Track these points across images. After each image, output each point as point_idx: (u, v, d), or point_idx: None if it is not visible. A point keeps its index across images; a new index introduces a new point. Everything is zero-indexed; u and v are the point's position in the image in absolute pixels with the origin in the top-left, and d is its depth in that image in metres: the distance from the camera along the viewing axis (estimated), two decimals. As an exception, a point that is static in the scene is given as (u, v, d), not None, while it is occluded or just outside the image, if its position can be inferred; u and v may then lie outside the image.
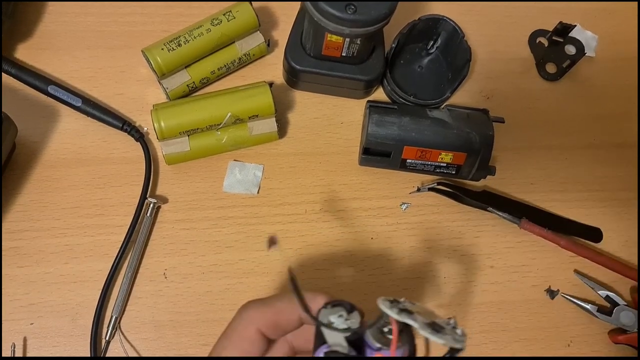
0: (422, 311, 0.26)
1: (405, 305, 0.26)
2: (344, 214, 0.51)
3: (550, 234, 0.50)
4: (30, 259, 0.46)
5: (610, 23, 0.63)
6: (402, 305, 0.26)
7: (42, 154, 0.49)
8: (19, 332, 0.44)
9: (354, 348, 0.26)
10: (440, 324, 0.25)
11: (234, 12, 0.50)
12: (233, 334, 0.31)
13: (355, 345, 0.26)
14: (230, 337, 0.31)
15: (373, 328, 0.27)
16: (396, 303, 0.26)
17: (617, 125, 0.58)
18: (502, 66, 0.59)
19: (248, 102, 0.48)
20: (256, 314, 0.31)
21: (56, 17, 0.55)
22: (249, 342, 0.30)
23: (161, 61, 0.48)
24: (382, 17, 0.44)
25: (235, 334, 0.31)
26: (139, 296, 0.46)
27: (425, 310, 0.26)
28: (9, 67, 0.50)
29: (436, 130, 0.49)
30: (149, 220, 0.48)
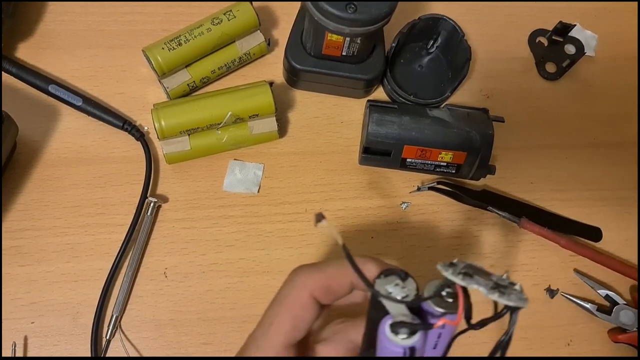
0: (478, 271, 0.26)
1: (463, 267, 0.25)
2: (344, 213, 0.51)
3: (550, 233, 0.50)
4: (31, 258, 0.46)
5: (610, 22, 0.63)
6: (461, 268, 0.25)
7: (43, 153, 0.50)
8: (19, 331, 0.44)
9: (416, 315, 0.26)
10: (500, 282, 0.25)
11: (235, 12, 0.50)
12: (285, 300, 0.30)
13: (415, 313, 0.26)
14: (282, 303, 0.30)
15: (432, 293, 0.26)
16: (454, 266, 0.26)
17: (617, 124, 0.58)
18: (502, 65, 0.59)
19: (248, 101, 0.48)
20: (309, 278, 0.30)
21: (57, 16, 0.55)
22: (302, 307, 0.30)
23: (162, 60, 0.48)
24: (383, 16, 0.44)
25: (288, 299, 0.30)
26: (140, 295, 0.46)
27: (479, 269, 0.26)
28: (10, 67, 0.50)
29: (436, 130, 0.49)
30: (150, 220, 0.48)
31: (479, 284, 0.24)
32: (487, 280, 0.25)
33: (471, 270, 0.25)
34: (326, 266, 0.30)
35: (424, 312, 0.26)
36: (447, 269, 0.25)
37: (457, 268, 0.25)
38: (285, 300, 0.30)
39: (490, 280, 0.25)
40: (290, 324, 0.30)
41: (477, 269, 0.26)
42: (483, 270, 0.26)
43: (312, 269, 0.30)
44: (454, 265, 0.26)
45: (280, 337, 0.30)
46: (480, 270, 0.26)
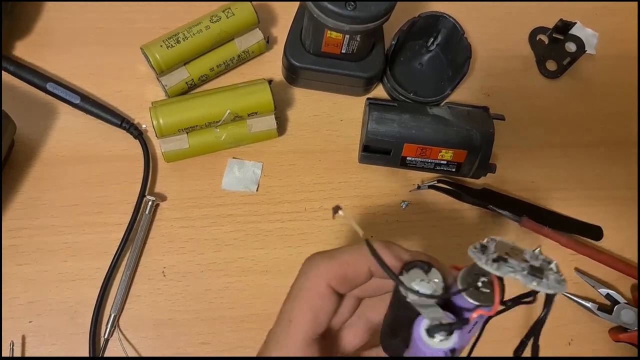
0: (510, 250, 0.24)
1: (495, 250, 0.24)
2: (344, 211, 0.50)
3: (550, 232, 0.50)
4: (28, 257, 0.46)
5: (611, 20, 0.63)
6: (493, 251, 0.24)
7: (41, 151, 0.49)
8: (17, 330, 0.44)
9: (448, 311, 0.25)
10: (535, 263, 0.24)
11: (233, 9, 0.50)
12: (302, 292, 0.29)
13: (446, 307, 0.25)
14: (298, 296, 0.29)
15: (465, 285, 0.25)
16: (485, 250, 0.24)
17: (618, 123, 0.58)
18: (502, 63, 0.59)
19: (247, 99, 0.48)
20: (324, 268, 0.28)
21: (55, 14, 0.54)
22: (320, 297, 0.28)
23: (160, 58, 0.48)
24: (382, 13, 0.44)
25: (304, 291, 0.28)
26: (138, 294, 0.46)
27: (511, 247, 0.25)
28: (8, 65, 0.49)
29: (436, 128, 0.48)
30: (148, 218, 0.47)
31: (515, 271, 0.23)
32: (522, 262, 0.24)
33: (504, 253, 0.24)
34: (341, 253, 0.29)
35: (454, 302, 0.25)
36: (480, 256, 0.24)
37: (489, 253, 0.24)
38: (302, 293, 0.29)
39: (524, 261, 0.24)
40: (309, 317, 0.28)
41: (508, 247, 0.25)
42: (514, 248, 0.25)
43: (326, 257, 0.29)
44: (485, 248, 0.24)
45: (301, 332, 0.28)
46: (512, 248, 0.25)
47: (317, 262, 0.29)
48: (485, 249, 0.24)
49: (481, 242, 0.25)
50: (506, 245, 0.25)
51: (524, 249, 0.25)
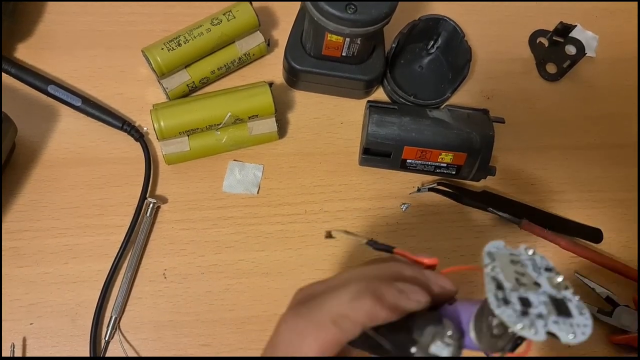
0: (512, 265, 0.25)
1: (509, 286, 0.24)
2: (344, 214, 0.51)
3: (550, 234, 0.50)
4: (29, 259, 0.46)
5: (611, 23, 0.63)
6: (510, 292, 0.24)
7: (42, 153, 0.49)
8: (18, 332, 0.44)
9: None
10: (555, 293, 0.24)
11: (234, 12, 0.50)
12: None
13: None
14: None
15: (482, 335, 0.25)
16: (503, 293, 0.23)
17: (617, 125, 0.58)
18: (502, 66, 0.59)
19: (248, 102, 0.48)
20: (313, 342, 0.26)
21: (56, 16, 0.55)
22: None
23: (161, 61, 0.48)
24: (383, 16, 0.44)
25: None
26: (139, 296, 0.46)
27: (509, 258, 0.25)
28: (9, 67, 0.50)
29: (436, 131, 0.49)
30: (149, 221, 0.47)
31: (547, 323, 0.23)
32: (539, 291, 0.24)
33: (514, 279, 0.24)
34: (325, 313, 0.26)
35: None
36: (509, 314, 0.23)
37: (510, 298, 0.23)
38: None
39: (535, 285, 0.24)
40: None
41: (508, 260, 0.25)
42: (514, 258, 0.25)
43: (311, 325, 0.26)
44: (500, 287, 0.24)
45: None
46: (512, 260, 0.25)
47: (301, 331, 0.26)
48: (502, 288, 0.24)
49: (490, 270, 0.24)
50: (505, 259, 0.25)
51: (521, 258, 0.25)
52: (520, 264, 0.25)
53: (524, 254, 0.26)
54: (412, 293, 0.26)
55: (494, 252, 0.26)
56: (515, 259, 0.26)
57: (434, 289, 0.28)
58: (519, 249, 0.26)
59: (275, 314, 0.47)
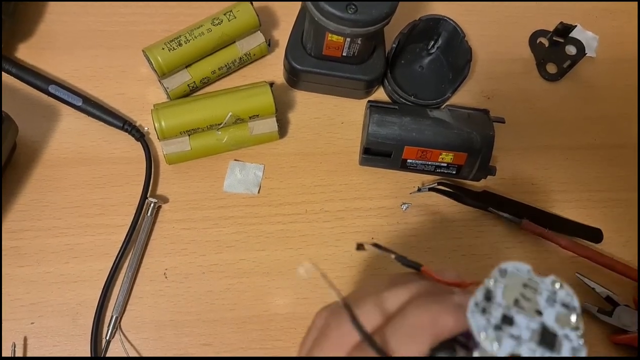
0: (523, 289, 0.23)
1: (501, 302, 0.23)
2: (345, 214, 0.51)
3: (551, 234, 0.50)
4: (30, 259, 0.46)
5: (611, 23, 0.63)
6: (498, 307, 0.23)
7: (43, 153, 0.49)
8: (19, 331, 0.44)
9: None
10: (552, 325, 0.22)
11: (235, 12, 0.50)
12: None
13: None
14: None
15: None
16: (490, 304, 0.22)
17: (618, 125, 0.58)
18: (502, 66, 0.59)
19: (249, 101, 0.48)
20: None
21: (57, 16, 0.55)
22: None
23: (162, 61, 0.48)
24: (383, 16, 0.44)
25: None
26: (140, 296, 0.46)
27: (525, 282, 0.23)
28: (10, 67, 0.50)
29: (437, 131, 0.49)
30: (150, 220, 0.48)
31: (520, 343, 0.21)
32: (533, 318, 0.22)
33: (514, 300, 0.23)
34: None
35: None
36: (478, 321, 0.22)
37: (492, 310, 0.22)
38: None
39: (537, 313, 0.22)
40: None
41: (521, 283, 0.23)
42: (530, 282, 0.23)
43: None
44: (489, 298, 0.23)
45: None
46: (527, 284, 0.23)
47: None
48: (490, 300, 0.23)
49: (490, 283, 0.23)
50: (519, 281, 0.23)
51: (540, 287, 0.23)
52: (534, 290, 0.24)
53: (547, 283, 0.24)
54: None
55: (509, 272, 0.24)
56: (532, 284, 0.24)
57: None
58: (545, 279, 0.24)
59: (276, 314, 0.47)
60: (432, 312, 0.24)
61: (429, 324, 0.24)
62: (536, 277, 0.24)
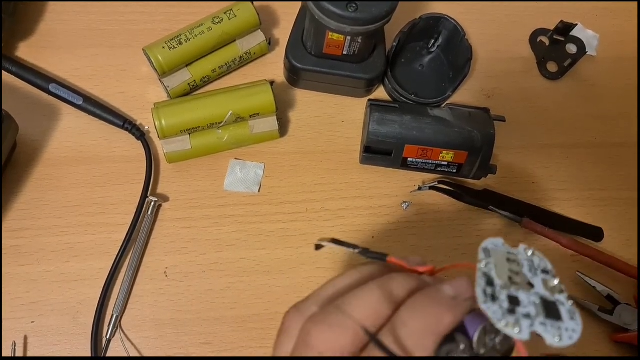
0: (508, 264, 0.24)
1: (500, 283, 0.24)
2: (345, 212, 0.51)
3: (551, 232, 0.50)
4: (31, 258, 0.46)
5: (612, 22, 0.63)
6: (501, 289, 0.23)
7: (43, 152, 0.49)
8: (19, 330, 0.44)
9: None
10: (547, 295, 0.24)
11: (235, 11, 0.50)
12: None
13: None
14: None
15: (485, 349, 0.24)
16: (493, 291, 0.24)
17: (618, 124, 0.58)
18: (503, 65, 0.59)
19: (249, 100, 0.48)
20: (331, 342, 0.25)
21: (57, 15, 0.55)
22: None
23: (162, 59, 0.48)
24: (383, 15, 0.44)
25: None
26: (140, 295, 0.46)
27: (506, 256, 0.25)
28: (10, 66, 0.50)
29: (437, 129, 0.49)
30: (150, 219, 0.48)
31: (534, 323, 0.23)
32: (529, 290, 0.24)
33: (507, 277, 0.24)
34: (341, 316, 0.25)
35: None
36: (494, 310, 0.23)
37: (498, 294, 0.23)
38: None
39: (529, 285, 0.24)
40: None
41: (504, 258, 0.25)
42: (510, 256, 0.25)
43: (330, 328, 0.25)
44: (491, 283, 0.24)
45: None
46: (508, 258, 0.25)
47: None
48: (492, 284, 0.24)
49: (482, 266, 0.25)
50: (502, 256, 0.25)
51: (519, 258, 0.25)
52: (517, 263, 0.25)
53: (522, 253, 0.26)
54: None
55: (491, 249, 0.26)
56: (512, 257, 0.26)
57: None
58: (518, 249, 0.26)
59: (276, 313, 0.47)
60: (431, 314, 0.24)
61: (432, 326, 0.24)
62: (510, 248, 0.26)
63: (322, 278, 0.48)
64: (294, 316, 0.28)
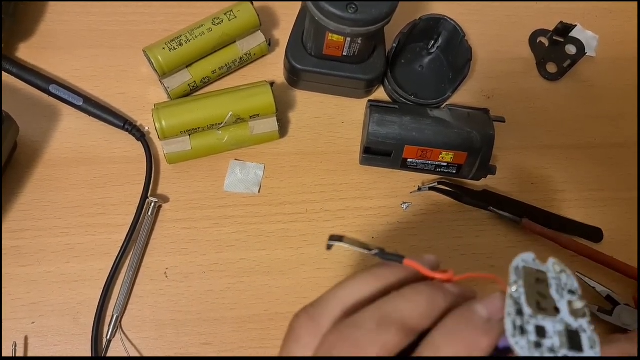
0: (537, 284, 0.25)
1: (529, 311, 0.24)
2: (345, 213, 0.51)
3: (551, 233, 0.50)
4: (31, 258, 0.46)
5: (611, 23, 0.63)
6: (530, 318, 0.24)
7: (44, 153, 0.50)
8: (20, 331, 0.44)
9: None
10: (572, 323, 0.24)
11: (235, 12, 0.50)
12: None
13: None
14: None
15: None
16: (522, 315, 0.24)
17: (618, 125, 0.58)
18: (502, 66, 0.59)
19: (249, 101, 0.48)
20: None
21: (57, 16, 0.55)
22: None
23: (162, 60, 0.48)
24: (383, 16, 0.44)
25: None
26: (140, 295, 0.46)
27: (536, 275, 0.25)
28: (10, 67, 0.50)
29: (437, 130, 0.49)
30: (150, 220, 0.48)
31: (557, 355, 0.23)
32: (557, 321, 0.24)
33: (535, 301, 0.24)
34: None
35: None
36: (520, 343, 0.23)
37: (528, 331, 0.24)
38: None
39: (555, 310, 0.24)
40: None
41: (534, 278, 0.25)
42: (539, 275, 0.25)
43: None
44: (519, 310, 0.24)
45: None
46: (538, 278, 0.25)
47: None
48: (521, 313, 0.24)
49: (513, 291, 0.24)
50: (532, 276, 0.25)
51: (548, 276, 0.25)
52: (545, 284, 0.25)
53: (551, 270, 0.26)
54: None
55: (522, 267, 0.25)
56: (541, 277, 0.25)
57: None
58: (547, 265, 0.26)
59: (276, 313, 0.47)
60: (467, 339, 0.24)
61: (469, 352, 0.23)
62: (540, 265, 0.26)
63: (322, 279, 0.48)
64: (306, 323, 0.26)
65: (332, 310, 0.26)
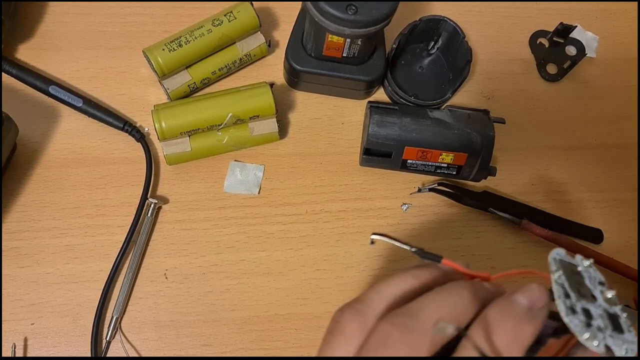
0: (573, 275, 0.25)
1: (575, 294, 0.25)
2: (345, 214, 0.51)
3: (551, 234, 0.50)
4: (30, 259, 0.46)
5: (611, 24, 0.63)
6: (576, 301, 0.24)
7: (43, 154, 0.49)
8: (19, 332, 0.44)
9: None
10: (609, 308, 0.25)
11: (235, 13, 0.50)
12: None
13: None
14: None
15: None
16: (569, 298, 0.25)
17: (618, 125, 0.58)
18: (502, 67, 0.59)
19: (249, 102, 0.48)
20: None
21: (57, 17, 0.55)
22: None
23: (162, 61, 0.48)
24: (383, 17, 0.44)
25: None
26: (140, 296, 0.46)
27: (571, 269, 0.26)
28: (10, 68, 0.50)
29: (437, 131, 0.49)
30: (150, 221, 0.48)
31: (605, 336, 0.24)
32: (594, 303, 0.25)
33: (577, 290, 0.25)
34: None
35: None
36: (574, 321, 0.24)
37: (578, 312, 0.24)
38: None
39: (592, 297, 0.25)
40: None
41: (570, 271, 0.26)
42: (573, 268, 0.26)
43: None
44: (568, 296, 0.25)
45: None
46: (572, 271, 0.26)
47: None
48: (569, 297, 0.25)
49: (559, 281, 0.25)
50: (569, 268, 0.26)
51: (579, 269, 0.26)
52: (579, 275, 0.26)
53: (580, 264, 0.27)
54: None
55: (560, 260, 0.26)
56: (574, 269, 0.26)
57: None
58: (575, 259, 0.27)
59: (276, 314, 0.47)
60: (512, 330, 0.24)
61: (514, 342, 0.24)
62: (571, 259, 0.27)
63: (323, 280, 0.48)
64: (352, 317, 0.27)
65: (377, 305, 0.27)
